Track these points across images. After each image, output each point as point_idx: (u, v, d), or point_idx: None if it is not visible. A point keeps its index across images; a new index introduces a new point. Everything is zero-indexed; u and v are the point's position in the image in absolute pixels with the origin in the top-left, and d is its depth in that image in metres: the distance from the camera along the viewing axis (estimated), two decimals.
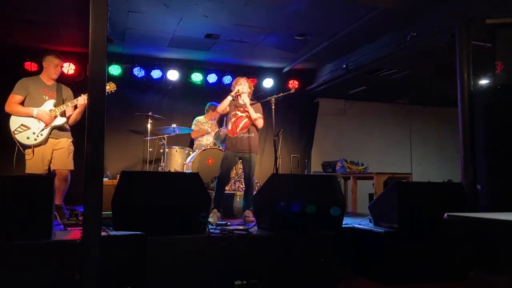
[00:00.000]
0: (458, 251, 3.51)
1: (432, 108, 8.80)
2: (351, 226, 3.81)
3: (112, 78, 6.31)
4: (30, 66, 6.08)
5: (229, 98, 4.40)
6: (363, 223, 3.92)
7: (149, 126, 6.11)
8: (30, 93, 3.93)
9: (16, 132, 3.80)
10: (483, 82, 5.32)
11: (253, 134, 4.46)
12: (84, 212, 2.49)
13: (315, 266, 3.30)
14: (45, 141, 3.89)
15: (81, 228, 2.89)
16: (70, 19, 5.13)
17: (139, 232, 2.83)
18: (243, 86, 4.48)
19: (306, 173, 7.31)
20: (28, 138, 3.82)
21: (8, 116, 3.87)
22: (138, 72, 6.60)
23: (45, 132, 3.89)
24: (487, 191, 3.91)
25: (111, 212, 3.02)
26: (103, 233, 2.65)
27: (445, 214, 1.91)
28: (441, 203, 3.54)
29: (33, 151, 3.83)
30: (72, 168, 4.04)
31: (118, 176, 3.26)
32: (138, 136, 6.71)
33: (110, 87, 4.17)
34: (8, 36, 5.70)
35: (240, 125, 4.45)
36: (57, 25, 5.30)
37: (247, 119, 4.47)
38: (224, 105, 4.43)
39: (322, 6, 4.77)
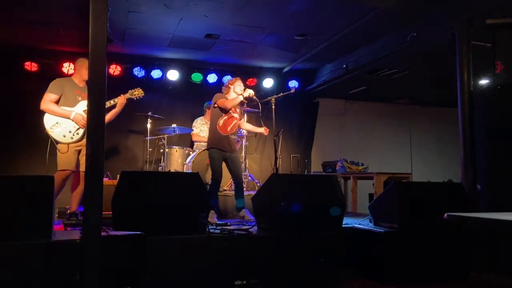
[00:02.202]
0: (458, 251, 3.51)
1: (432, 108, 8.79)
2: (351, 226, 3.81)
3: (112, 78, 6.31)
4: (30, 66, 6.07)
5: (240, 98, 4.32)
6: (363, 223, 3.92)
7: (149, 126, 6.10)
8: (65, 93, 4.01)
9: (51, 130, 3.86)
10: (483, 82, 5.32)
11: (236, 137, 4.56)
12: (84, 212, 2.49)
13: (315, 266, 3.30)
14: (81, 139, 3.97)
15: (81, 228, 2.89)
16: (70, 19, 5.13)
17: (139, 232, 2.84)
18: (241, 87, 4.47)
19: (306, 173, 7.31)
20: (64, 136, 3.89)
21: (40, 114, 3.93)
22: (138, 72, 6.60)
23: (81, 131, 3.97)
24: (487, 191, 3.91)
25: (111, 212, 3.02)
26: (103, 233, 2.65)
27: (445, 214, 1.90)
28: (441, 203, 3.55)
29: (68, 147, 3.89)
30: None
31: (118, 176, 3.26)
32: (138, 136, 6.71)
33: (138, 92, 4.30)
34: (8, 36, 5.70)
35: (231, 125, 4.43)
36: (57, 25, 5.30)
37: (236, 121, 4.50)
38: (234, 103, 4.33)
39: (322, 6, 4.77)
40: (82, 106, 4.03)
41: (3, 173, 5.44)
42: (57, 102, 3.97)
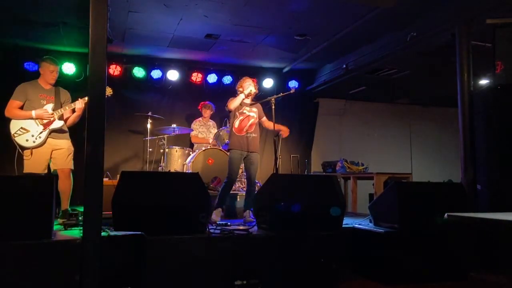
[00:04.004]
0: (458, 251, 3.51)
1: (432, 108, 8.79)
2: (351, 226, 3.81)
3: (112, 78, 6.31)
4: (30, 66, 6.07)
5: (242, 96, 4.39)
6: (363, 223, 3.92)
7: (149, 126, 6.10)
8: (29, 98, 4.02)
9: (15, 135, 3.90)
10: (483, 82, 5.32)
11: (257, 135, 4.50)
12: (84, 212, 2.49)
13: (315, 266, 3.30)
14: (43, 143, 3.98)
15: (81, 228, 2.89)
16: (70, 19, 5.13)
17: (139, 232, 2.84)
18: (251, 88, 4.47)
19: (306, 173, 7.31)
20: (27, 140, 3.92)
21: (8, 119, 3.97)
22: (138, 72, 6.60)
23: (43, 134, 3.98)
24: (487, 191, 3.91)
25: (111, 212, 3.02)
26: (103, 233, 2.65)
27: (445, 214, 1.91)
28: (441, 203, 3.55)
29: (31, 152, 3.93)
30: (72, 167, 4.12)
31: (118, 176, 3.26)
32: (138, 136, 6.71)
33: (107, 91, 4.20)
34: (8, 36, 5.70)
35: (248, 124, 4.45)
36: (57, 25, 5.30)
37: (253, 119, 4.49)
38: (237, 103, 4.40)
39: (322, 6, 4.77)
40: (47, 109, 4.04)
41: (3, 173, 5.44)
42: (21, 107, 4.00)
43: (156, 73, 6.68)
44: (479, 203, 3.91)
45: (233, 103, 4.41)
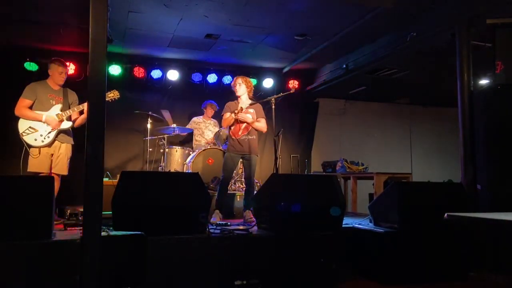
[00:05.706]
0: (458, 251, 3.51)
1: (432, 108, 8.79)
2: (351, 226, 3.82)
3: (112, 78, 6.31)
4: (30, 66, 6.07)
5: (233, 115, 4.41)
6: (363, 223, 3.92)
7: (149, 126, 6.10)
8: (38, 97, 4.10)
9: (24, 134, 3.97)
10: (483, 82, 5.32)
11: (254, 137, 4.51)
12: (84, 212, 2.49)
13: (315, 266, 3.30)
14: (51, 143, 4.07)
15: (81, 228, 2.89)
16: (70, 19, 5.13)
17: (139, 232, 2.84)
18: (239, 86, 4.49)
19: (306, 173, 7.31)
20: (35, 140, 3.99)
21: (16, 118, 4.03)
22: (138, 72, 6.60)
23: (52, 134, 4.06)
24: (487, 191, 3.91)
25: (111, 212, 3.03)
26: (103, 233, 2.65)
27: (445, 214, 1.91)
28: (441, 203, 3.55)
29: (39, 151, 4.00)
30: (66, 173, 4.21)
31: (118, 176, 3.26)
32: (138, 136, 6.71)
33: (114, 94, 4.33)
34: (8, 36, 5.70)
35: (242, 127, 4.47)
36: (57, 25, 5.30)
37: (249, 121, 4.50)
38: (228, 122, 4.46)
39: (322, 6, 4.77)
40: (56, 110, 4.13)
41: (7, 172, 5.44)
42: (31, 106, 4.08)
43: (156, 73, 6.68)
44: (479, 203, 3.90)
45: (226, 122, 4.51)
